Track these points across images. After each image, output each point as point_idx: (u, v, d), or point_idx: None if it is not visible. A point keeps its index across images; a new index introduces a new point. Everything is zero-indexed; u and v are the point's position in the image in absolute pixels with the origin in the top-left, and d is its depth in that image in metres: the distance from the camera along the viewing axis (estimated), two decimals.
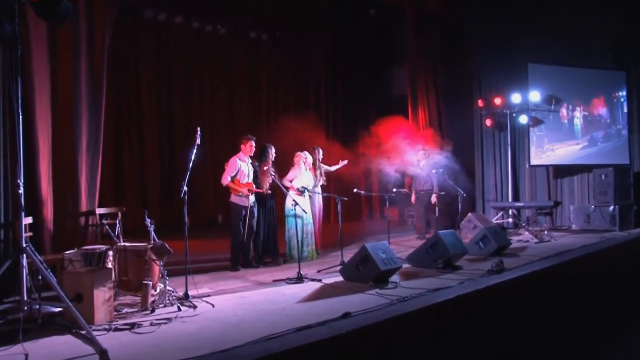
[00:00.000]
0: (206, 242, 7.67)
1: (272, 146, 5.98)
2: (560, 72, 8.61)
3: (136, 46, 8.97)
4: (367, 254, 4.49)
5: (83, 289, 3.40)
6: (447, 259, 5.10)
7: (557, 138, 8.62)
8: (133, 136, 9.05)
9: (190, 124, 9.38)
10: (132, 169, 9.02)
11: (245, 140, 5.56)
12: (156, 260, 3.97)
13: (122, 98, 8.92)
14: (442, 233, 5.30)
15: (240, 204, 5.47)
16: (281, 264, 5.78)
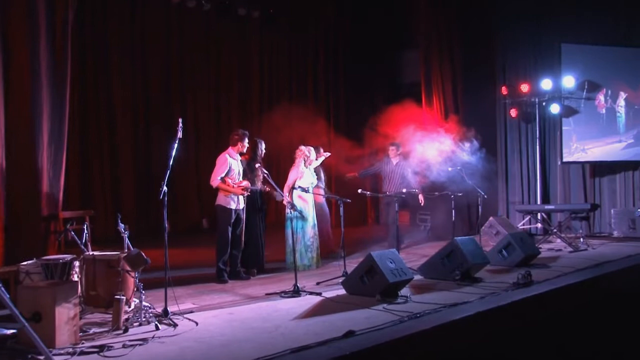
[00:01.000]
0: (189, 250, 7.67)
1: (262, 141, 6.00)
2: (600, 53, 8.36)
3: (105, 27, 8.98)
4: (374, 264, 4.49)
5: (42, 307, 3.35)
6: (466, 270, 5.11)
7: (591, 134, 8.45)
8: (103, 129, 9.07)
9: (170, 116, 9.36)
10: (102, 167, 9.04)
11: (238, 135, 5.55)
12: (130, 272, 3.98)
13: (90, 86, 8.93)
14: (459, 240, 5.30)
15: (228, 207, 5.46)
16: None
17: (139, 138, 9.37)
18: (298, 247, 5.96)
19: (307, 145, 6.33)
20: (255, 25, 10.51)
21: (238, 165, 5.62)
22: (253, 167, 5.84)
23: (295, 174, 6.17)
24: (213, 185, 5.45)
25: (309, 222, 6.10)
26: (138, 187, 9.25)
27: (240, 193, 5.49)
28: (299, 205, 6.05)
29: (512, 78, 9.13)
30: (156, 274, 4.67)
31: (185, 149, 8.99)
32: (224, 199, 5.46)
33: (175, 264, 5.84)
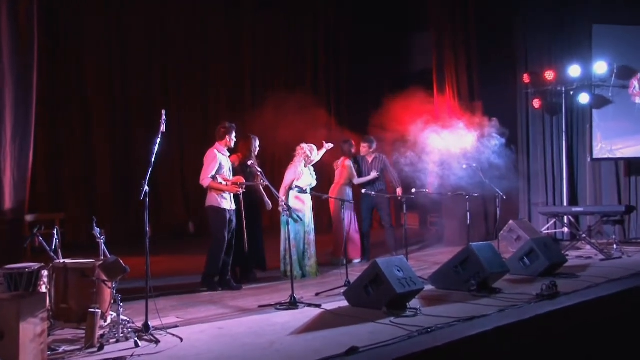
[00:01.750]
0: (173, 257, 7.69)
1: (256, 138, 6.02)
2: (636, 34, 8.23)
3: (78, 11, 8.99)
4: (379, 272, 4.49)
5: (5, 323, 3.29)
6: (483, 279, 5.11)
7: (623, 127, 8.32)
8: (76, 124, 9.08)
9: (151, 109, 9.37)
10: (74, 165, 9.07)
11: (225, 128, 5.57)
12: (107, 282, 3.98)
13: (62, 76, 8.95)
14: (475, 246, 5.30)
15: (222, 207, 5.46)
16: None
17: (116, 133, 9.40)
18: (294, 254, 5.97)
19: (308, 144, 6.36)
20: (247, 7, 10.53)
21: (227, 162, 5.64)
22: (246, 167, 5.85)
23: (293, 174, 6.19)
24: (204, 185, 5.45)
25: (306, 226, 6.12)
26: (115, 187, 9.28)
27: (235, 191, 5.50)
28: (296, 208, 6.06)
29: (535, 64, 9.13)
30: (136, 284, 4.67)
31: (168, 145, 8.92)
32: (216, 198, 5.46)
33: (157, 273, 5.84)
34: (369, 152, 7.22)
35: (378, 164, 7.19)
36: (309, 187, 6.19)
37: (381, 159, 7.24)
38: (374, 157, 7.21)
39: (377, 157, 7.24)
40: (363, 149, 7.21)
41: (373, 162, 7.20)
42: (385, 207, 7.22)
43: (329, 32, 11.27)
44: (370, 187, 6.99)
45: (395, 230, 7.51)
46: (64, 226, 7.84)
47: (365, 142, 7.24)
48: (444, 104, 8.89)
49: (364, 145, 7.21)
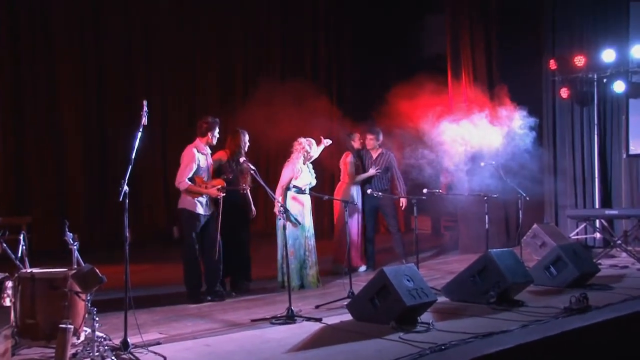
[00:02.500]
0: (156, 265, 7.71)
1: (245, 132, 6.04)
2: None
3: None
4: (387, 282, 4.50)
5: None
6: (503, 290, 5.12)
7: None
8: (42, 116, 9.04)
9: (131, 100, 9.38)
10: (43, 163, 9.04)
11: (207, 124, 5.57)
12: (81, 294, 3.98)
13: (26, 65, 8.85)
14: (495, 253, 5.30)
15: (196, 212, 5.49)
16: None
17: (90, 127, 9.39)
18: (292, 262, 5.98)
19: (307, 138, 6.36)
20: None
21: (207, 161, 5.65)
22: (236, 164, 5.85)
23: (291, 172, 6.18)
24: (180, 187, 5.49)
25: (306, 231, 6.13)
26: (90, 187, 9.28)
27: (215, 195, 5.52)
28: (294, 210, 6.07)
29: (563, 48, 9.10)
30: (114, 296, 4.67)
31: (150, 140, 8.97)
32: (191, 201, 5.50)
33: (138, 283, 5.83)
34: (375, 145, 7.13)
35: (383, 160, 7.12)
36: (308, 187, 6.19)
37: (388, 156, 7.15)
38: (379, 153, 7.15)
39: (384, 154, 7.16)
40: (369, 142, 7.12)
41: (378, 158, 7.13)
42: (390, 210, 7.15)
43: (330, 15, 11.27)
44: (369, 186, 6.97)
45: (403, 236, 7.49)
46: (31, 231, 7.82)
47: (372, 133, 7.12)
48: (459, 93, 8.88)
49: (370, 137, 7.10)
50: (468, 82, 8.94)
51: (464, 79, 8.96)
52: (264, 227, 10.80)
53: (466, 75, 8.98)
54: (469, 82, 8.94)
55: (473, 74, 8.98)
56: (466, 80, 8.96)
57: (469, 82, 8.94)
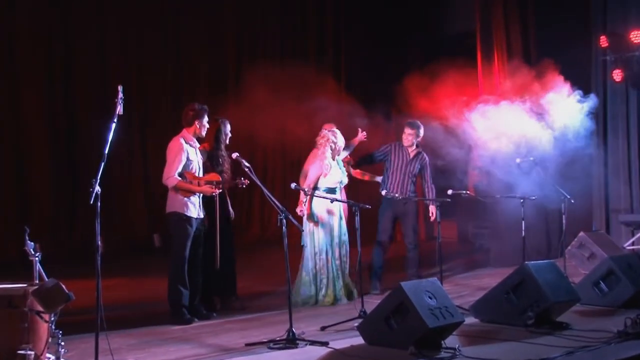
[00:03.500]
0: (133, 279, 7.69)
1: (225, 121, 6.07)
2: None
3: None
4: (405, 300, 4.47)
5: None
6: (543, 310, 5.07)
7: None
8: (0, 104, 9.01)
9: (104, 84, 9.42)
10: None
11: (194, 111, 5.59)
12: (43, 314, 3.96)
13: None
14: (533, 266, 5.27)
15: (187, 215, 5.50)
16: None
17: (55, 117, 9.40)
18: (324, 273, 6.13)
19: (330, 127, 6.38)
20: None
21: (197, 154, 5.68)
22: (217, 159, 5.88)
23: (320, 169, 6.24)
24: (169, 185, 5.49)
25: (338, 236, 6.22)
26: (56, 188, 9.29)
27: (210, 192, 5.54)
28: (323, 213, 6.19)
29: (617, 23, 8.99)
30: (83, 316, 4.65)
31: (128, 133, 9.06)
32: (181, 202, 5.49)
33: (112, 300, 5.84)
34: (413, 142, 6.91)
35: (416, 162, 6.92)
36: (339, 186, 6.27)
37: (424, 158, 6.99)
38: (416, 152, 6.95)
39: (421, 155, 6.97)
40: (407, 137, 6.89)
41: (415, 158, 6.92)
42: (411, 220, 6.93)
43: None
44: (384, 185, 6.84)
45: (424, 244, 7.39)
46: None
47: (412, 128, 6.88)
48: (491, 77, 8.85)
49: (409, 133, 6.87)
50: (501, 64, 8.89)
51: (496, 60, 8.92)
52: (259, 233, 10.87)
53: (499, 56, 8.93)
54: (503, 64, 8.89)
55: (507, 53, 8.93)
56: (499, 61, 8.91)
57: (503, 63, 8.90)
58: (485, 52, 9.00)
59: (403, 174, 6.86)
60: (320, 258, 6.20)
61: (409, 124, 6.94)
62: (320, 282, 6.21)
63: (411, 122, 6.98)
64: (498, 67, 8.90)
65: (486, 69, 8.91)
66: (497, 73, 8.86)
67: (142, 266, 8.49)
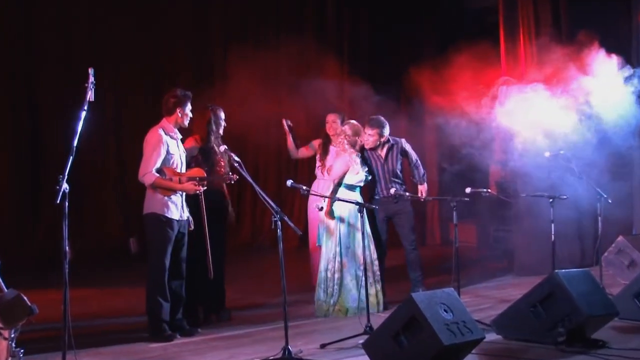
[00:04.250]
0: (106, 289, 7.67)
1: (218, 108, 6.09)
2: None
3: None
4: (417, 314, 4.47)
5: None
6: (576, 326, 5.06)
7: None
8: None
9: (71, 67, 9.35)
10: None
11: (175, 98, 5.58)
12: (2, 330, 3.95)
13: None
14: (564, 275, 5.25)
15: (167, 216, 5.50)
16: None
17: (17, 104, 9.36)
18: (345, 277, 6.25)
19: (347, 120, 6.57)
20: None
21: (179, 147, 5.68)
22: (209, 153, 5.88)
23: (345, 165, 6.37)
24: (146, 182, 5.48)
25: (358, 235, 6.29)
26: (17, 186, 9.27)
27: (194, 190, 5.53)
28: (343, 215, 6.33)
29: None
30: (48, 332, 4.66)
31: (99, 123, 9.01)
32: (161, 201, 5.48)
33: (82, 314, 5.84)
34: (378, 142, 6.85)
35: (395, 155, 6.91)
36: (361, 184, 6.46)
37: (399, 147, 6.95)
38: (388, 148, 6.92)
39: (394, 147, 6.93)
40: (369, 139, 6.80)
41: (388, 154, 6.90)
42: (406, 219, 6.91)
43: None
44: (377, 189, 6.86)
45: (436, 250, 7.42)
46: None
47: (372, 126, 6.79)
48: (515, 57, 8.81)
49: (370, 133, 6.79)
50: (528, 43, 8.85)
51: (522, 39, 8.88)
52: (250, 239, 10.85)
53: (525, 34, 8.89)
54: (530, 43, 8.85)
55: (535, 30, 8.88)
56: (525, 39, 8.88)
57: (530, 42, 8.86)
58: (508, 29, 8.96)
59: (384, 176, 6.87)
60: (336, 261, 6.29)
61: (370, 123, 6.83)
62: (331, 289, 6.28)
63: (373, 119, 6.87)
64: (524, 46, 8.86)
65: (510, 50, 8.87)
66: (523, 54, 8.82)
67: (116, 275, 8.49)
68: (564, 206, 7.08)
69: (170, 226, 5.49)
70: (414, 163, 7.05)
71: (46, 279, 5.33)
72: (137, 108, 9.81)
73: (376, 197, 6.81)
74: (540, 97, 7.29)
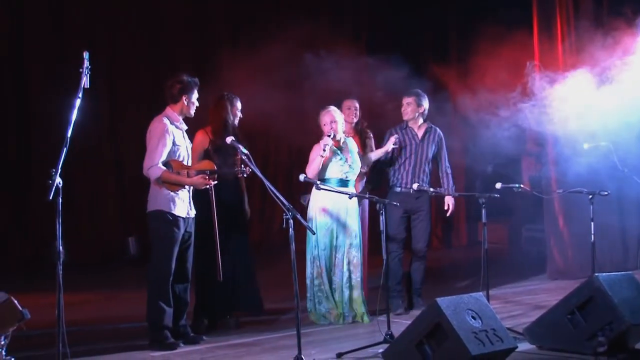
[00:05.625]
0: (104, 293, 7.74)
1: (234, 97, 6.14)
2: None
3: None
4: (443, 320, 4.50)
5: None
6: (618, 334, 5.05)
7: None
8: None
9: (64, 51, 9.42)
10: None
11: (181, 84, 5.60)
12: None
13: None
14: (604, 279, 5.25)
15: (176, 214, 5.53)
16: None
17: (7, 92, 9.46)
18: (318, 283, 6.25)
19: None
20: None
21: (185, 138, 5.70)
22: (223, 145, 5.93)
23: (315, 152, 6.44)
24: (151, 176, 5.48)
25: (346, 236, 6.34)
26: (6, 182, 9.36)
27: (203, 184, 5.55)
28: (319, 214, 6.35)
29: None
30: (41, 339, 4.69)
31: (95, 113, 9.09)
32: (166, 198, 5.50)
33: (78, 320, 5.88)
34: (415, 115, 6.80)
35: (432, 141, 6.86)
36: (346, 178, 6.45)
37: (437, 135, 6.91)
38: (426, 128, 6.89)
39: (432, 130, 6.90)
40: (406, 108, 6.81)
41: (426, 136, 6.86)
42: (424, 219, 6.82)
43: None
44: (395, 177, 6.82)
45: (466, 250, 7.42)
46: None
47: (409, 95, 6.81)
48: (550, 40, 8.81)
49: (408, 101, 6.79)
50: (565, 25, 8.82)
51: (559, 21, 8.85)
52: (259, 238, 10.89)
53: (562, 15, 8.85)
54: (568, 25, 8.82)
55: (574, 9, 8.84)
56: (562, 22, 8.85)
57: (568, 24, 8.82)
58: (542, 10, 8.93)
59: (414, 160, 6.76)
60: (315, 265, 6.31)
61: (408, 93, 6.81)
62: (312, 295, 6.31)
63: (411, 90, 6.84)
64: (560, 28, 8.84)
65: (544, 33, 8.84)
66: (560, 36, 8.79)
67: (114, 278, 8.56)
68: (605, 203, 7.07)
69: (177, 224, 5.50)
70: (445, 166, 6.89)
71: (38, 282, 5.38)
72: (134, 96, 9.86)
73: (397, 189, 6.67)
74: (579, 83, 7.27)
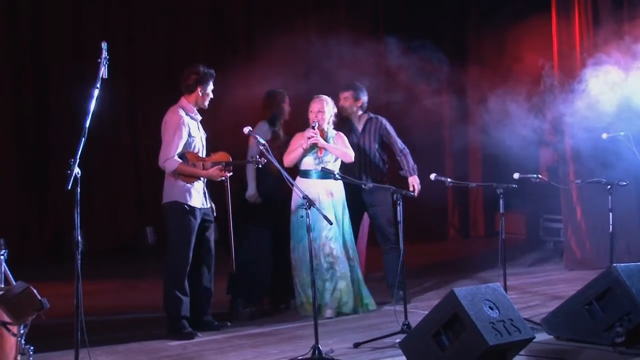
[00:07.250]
0: (121, 282, 7.76)
1: (285, 93, 6.30)
2: None
3: None
4: (460, 311, 4.47)
5: None
6: (636, 325, 5.01)
7: None
8: None
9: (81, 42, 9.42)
10: None
11: (197, 75, 5.61)
12: (11, 325, 3.99)
13: None
14: (623, 269, 5.20)
15: (192, 204, 5.54)
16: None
17: (22, 83, 9.41)
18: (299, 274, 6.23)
19: None
20: None
21: (200, 129, 5.71)
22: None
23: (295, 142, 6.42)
24: (167, 168, 5.51)
25: (333, 229, 6.24)
26: (23, 172, 9.35)
27: (219, 176, 5.55)
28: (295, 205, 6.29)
29: None
30: (60, 328, 4.73)
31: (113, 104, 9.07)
32: (182, 189, 5.52)
33: (96, 309, 5.88)
34: (353, 110, 6.65)
35: (375, 131, 6.68)
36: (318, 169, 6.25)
37: (379, 123, 6.72)
38: (366, 120, 6.73)
39: (373, 120, 6.72)
40: (344, 103, 6.62)
41: (367, 127, 6.69)
42: (384, 210, 6.61)
43: None
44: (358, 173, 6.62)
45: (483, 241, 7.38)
46: None
47: (346, 89, 6.60)
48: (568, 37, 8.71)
49: (345, 96, 6.60)
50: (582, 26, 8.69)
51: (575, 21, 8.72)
52: None
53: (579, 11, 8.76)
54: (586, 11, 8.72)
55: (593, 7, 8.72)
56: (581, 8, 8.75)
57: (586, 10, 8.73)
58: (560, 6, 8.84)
59: (359, 154, 6.55)
60: (292, 257, 6.27)
61: (347, 86, 6.63)
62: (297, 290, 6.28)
63: (348, 84, 6.67)
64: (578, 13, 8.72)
65: (562, 17, 8.73)
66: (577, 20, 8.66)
67: (132, 267, 8.58)
68: (624, 194, 7.04)
69: (193, 215, 5.53)
70: (400, 150, 6.72)
71: (57, 271, 5.41)
72: (152, 88, 9.81)
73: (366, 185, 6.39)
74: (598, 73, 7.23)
